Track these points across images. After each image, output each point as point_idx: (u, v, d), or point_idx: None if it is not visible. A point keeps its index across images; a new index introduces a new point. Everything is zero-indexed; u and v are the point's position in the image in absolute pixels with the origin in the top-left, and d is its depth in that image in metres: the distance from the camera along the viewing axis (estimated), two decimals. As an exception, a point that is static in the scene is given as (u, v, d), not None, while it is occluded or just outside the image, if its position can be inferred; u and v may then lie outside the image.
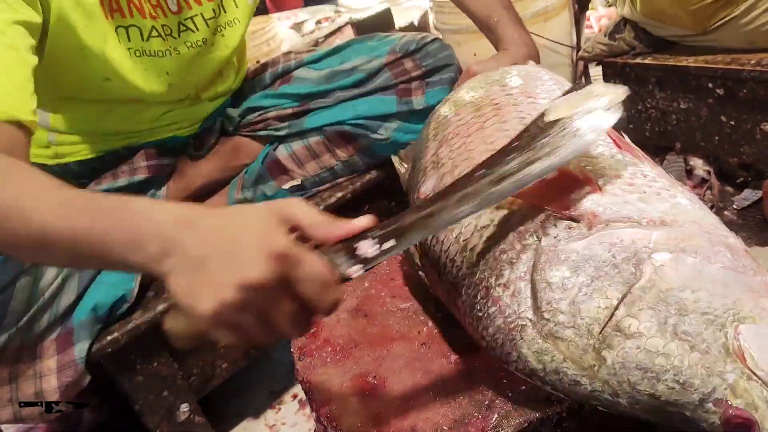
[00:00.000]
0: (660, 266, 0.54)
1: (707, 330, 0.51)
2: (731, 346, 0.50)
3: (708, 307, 0.52)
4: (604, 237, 0.57)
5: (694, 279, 0.53)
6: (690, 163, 1.55)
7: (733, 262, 0.55)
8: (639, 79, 1.56)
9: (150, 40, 1.05)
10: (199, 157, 1.24)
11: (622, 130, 1.61)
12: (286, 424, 1.26)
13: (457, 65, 1.36)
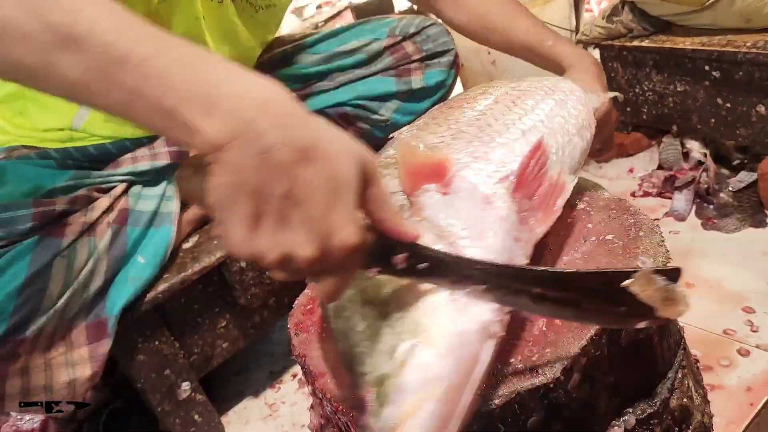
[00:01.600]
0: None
1: (399, 328, 0.57)
2: (399, 351, 0.56)
3: (415, 313, 0.58)
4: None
5: (423, 291, 0.59)
6: (686, 145, 1.56)
7: (462, 300, 0.58)
8: (636, 62, 1.57)
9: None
10: None
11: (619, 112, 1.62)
12: (285, 403, 1.28)
13: (455, 50, 1.38)
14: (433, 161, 0.69)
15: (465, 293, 0.58)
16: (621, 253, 0.74)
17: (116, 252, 1.02)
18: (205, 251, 1.13)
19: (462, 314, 0.58)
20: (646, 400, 0.71)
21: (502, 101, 0.84)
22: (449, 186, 0.68)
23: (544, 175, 0.71)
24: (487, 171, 0.71)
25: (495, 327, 0.59)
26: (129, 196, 1.08)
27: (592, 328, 0.65)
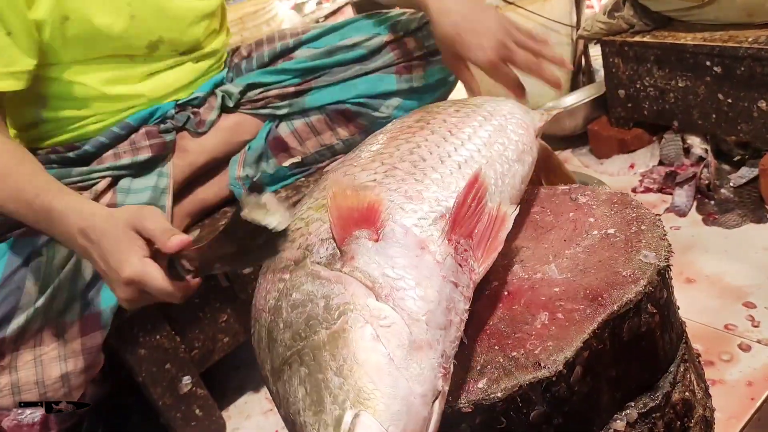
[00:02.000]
0: (349, 327, 0.58)
1: (342, 396, 0.55)
2: (345, 421, 0.53)
3: (356, 379, 0.55)
4: (341, 278, 0.62)
5: (363, 353, 0.56)
6: (687, 141, 1.56)
7: (400, 355, 0.56)
8: (638, 57, 1.57)
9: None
10: (201, 134, 1.24)
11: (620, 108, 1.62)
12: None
13: None
14: (362, 205, 0.67)
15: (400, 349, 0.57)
16: (623, 247, 0.74)
17: None
18: (206, 245, 1.13)
19: (403, 374, 0.55)
20: (648, 394, 0.71)
21: (438, 131, 0.82)
22: (380, 231, 0.65)
23: (483, 209, 0.68)
24: (421, 212, 0.69)
25: (439, 384, 0.57)
26: (117, 192, 1.10)
27: (594, 321, 0.65)
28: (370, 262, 0.62)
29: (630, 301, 0.67)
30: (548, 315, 0.68)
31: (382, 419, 0.53)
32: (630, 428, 0.70)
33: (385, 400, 0.54)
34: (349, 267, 0.62)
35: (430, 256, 0.63)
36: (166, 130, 1.19)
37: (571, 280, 0.72)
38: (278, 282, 0.67)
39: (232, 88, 1.26)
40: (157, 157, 1.17)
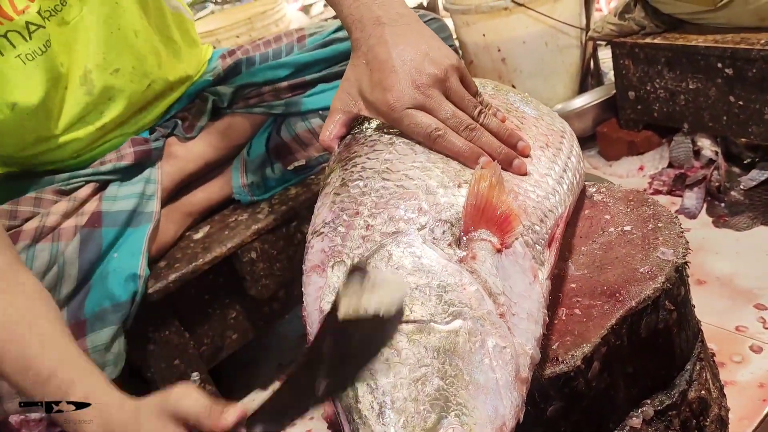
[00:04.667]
0: (464, 332, 0.55)
1: (436, 403, 0.51)
2: (437, 430, 0.51)
3: (457, 389, 0.52)
4: (463, 273, 0.58)
5: (473, 365, 0.53)
6: (697, 143, 1.56)
7: (506, 381, 0.54)
8: (648, 59, 1.56)
9: (33, 37, 0.99)
10: (190, 138, 1.21)
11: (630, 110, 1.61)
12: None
13: (455, 46, 1.37)
14: (500, 208, 0.62)
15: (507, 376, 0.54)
16: (640, 244, 0.73)
17: (89, 255, 1.02)
18: (216, 241, 1.13)
19: (504, 404, 0.53)
20: (665, 392, 0.71)
21: (536, 140, 0.77)
22: (505, 245, 0.62)
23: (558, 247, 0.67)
24: (539, 234, 0.66)
25: (521, 416, 0.55)
26: (103, 200, 1.08)
27: (612, 317, 0.65)
28: (492, 271, 0.59)
29: (648, 298, 0.66)
30: (566, 311, 0.68)
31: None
32: (646, 426, 0.69)
33: (482, 423, 0.51)
34: (470, 266, 0.59)
35: (539, 288, 0.61)
36: (155, 138, 1.18)
37: (588, 276, 0.71)
38: (370, 237, 0.63)
39: (224, 89, 1.24)
40: (140, 163, 1.14)
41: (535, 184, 0.70)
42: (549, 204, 0.69)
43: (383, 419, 0.52)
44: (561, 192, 0.72)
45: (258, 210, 1.19)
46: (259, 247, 1.15)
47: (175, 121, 1.20)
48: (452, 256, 0.60)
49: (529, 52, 1.93)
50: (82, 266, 0.99)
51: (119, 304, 0.98)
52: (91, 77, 1.06)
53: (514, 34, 1.91)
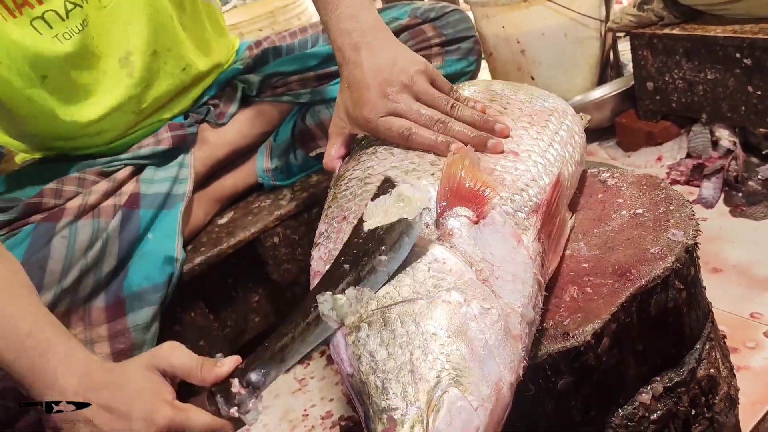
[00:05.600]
0: (447, 301, 0.58)
1: (431, 370, 0.55)
2: (434, 394, 0.54)
3: (448, 354, 0.55)
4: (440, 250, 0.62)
5: (459, 330, 0.57)
6: (716, 133, 1.56)
7: (495, 339, 0.57)
8: (667, 49, 1.57)
9: (70, 16, 1.03)
10: (221, 125, 1.26)
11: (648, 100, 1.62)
12: (314, 378, 1.32)
13: (476, 37, 1.39)
14: (475, 184, 0.67)
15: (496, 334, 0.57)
16: (651, 226, 0.75)
17: (128, 234, 1.06)
18: (240, 226, 1.17)
19: (496, 360, 0.56)
20: (674, 369, 0.73)
21: (519, 121, 0.83)
22: (482, 216, 0.66)
23: (559, 212, 0.70)
24: (518, 203, 0.70)
25: (521, 373, 0.58)
26: (141, 181, 1.13)
27: (622, 295, 0.67)
28: (470, 243, 0.63)
29: (658, 277, 0.68)
30: (577, 289, 0.70)
31: (472, 399, 0.53)
32: (655, 402, 0.71)
33: (476, 381, 0.54)
34: (448, 242, 0.63)
35: (525, 251, 0.64)
36: (189, 123, 1.22)
37: (600, 256, 0.74)
38: None
39: (252, 78, 1.28)
40: (177, 148, 1.19)
41: (515, 159, 0.75)
42: (530, 175, 0.73)
43: (386, 395, 0.56)
44: (545, 163, 0.76)
45: (280, 196, 1.22)
46: (282, 233, 1.18)
47: (208, 107, 1.25)
48: (431, 236, 0.65)
49: (548, 44, 1.94)
50: (122, 245, 1.04)
51: (157, 285, 1.03)
52: (131, 59, 1.10)
53: (534, 26, 1.92)
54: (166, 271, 1.05)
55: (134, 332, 1.02)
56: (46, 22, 1.01)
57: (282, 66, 1.29)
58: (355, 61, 0.83)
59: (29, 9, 0.99)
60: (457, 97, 0.84)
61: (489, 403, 0.54)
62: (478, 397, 0.54)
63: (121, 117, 1.15)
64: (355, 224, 0.64)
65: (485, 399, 0.54)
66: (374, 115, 0.80)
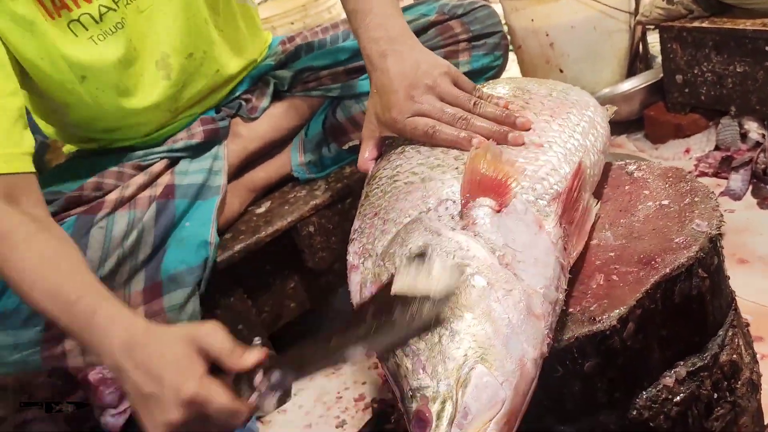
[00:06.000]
0: (471, 285, 0.62)
1: (458, 350, 0.59)
2: (462, 372, 0.58)
3: (474, 334, 0.60)
4: (463, 239, 0.66)
5: (483, 311, 0.61)
6: (744, 126, 1.57)
7: (518, 319, 0.61)
8: (696, 42, 1.58)
9: (104, 19, 1.07)
10: (253, 119, 1.30)
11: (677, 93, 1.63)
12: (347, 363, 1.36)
13: (503, 32, 1.41)
14: (497, 175, 0.70)
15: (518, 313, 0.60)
16: (676, 217, 0.78)
17: (163, 224, 1.12)
18: (277, 216, 1.21)
19: (519, 337, 0.60)
20: (697, 354, 0.76)
21: (540, 114, 0.86)
22: (504, 205, 0.70)
23: (581, 199, 0.73)
24: (539, 191, 0.73)
25: (545, 349, 0.62)
26: (175, 173, 1.18)
27: (647, 283, 0.70)
28: (493, 230, 0.67)
29: (682, 265, 0.71)
30: (603, 277, 0.74)
31: (497, 375, 0.58)
32: (678, 385, 0.74)
33: (501, 358, 0.58)
34: (472, 231, 0.67)
35: (546, 236, 0.68)
36: (221, 117, 1.27)
37: (626, 245, 0.77)
38: (388, 230, 0.74)
39: (284, 73, 1.32)
40: (209, 141, 1.24)
41: (536, 150, 0.79)
42: (551, 165, 0.77)
43: (418, 375, 0.60)
44: (566, 153, 0.79)
45: (315, 187, 1.27)
46: (317, 222, 1.23)
47: (240, 102, 1.29)
48: (455, 226, 0.69)
49: (577, 37, 1.96)
50: (158, 233, 1.10)
51: (192, 269, 1.08)
52: (169, 61, 1.15)
53: (563, 19, 1.94)
54: (201, 255, 1.11)
55: (169, 313, 1.08)
56: (82, 24, 1.05)
57: (313, 61, 1.33)
58: (382, 68, 0.88)
59: (67, 12, 1.03)
60: (479, 95, 0.88)
61: (514, 378, 0.58)
62: (503, 373, 0.58)
63: (158, 114, 1.20)
64: (386, 283, 0.64)
65: (510, 374, 0.58)
66: (401, 116, 0.86)
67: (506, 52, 1.41)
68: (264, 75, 1.33)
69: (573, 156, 0.80)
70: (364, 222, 0.80)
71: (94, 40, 1.07)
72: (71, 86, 1.08)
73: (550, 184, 0.75)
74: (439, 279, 0.60)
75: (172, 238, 1.11)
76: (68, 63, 1.05)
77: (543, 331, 0.62)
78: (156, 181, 1.17)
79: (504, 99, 0.89)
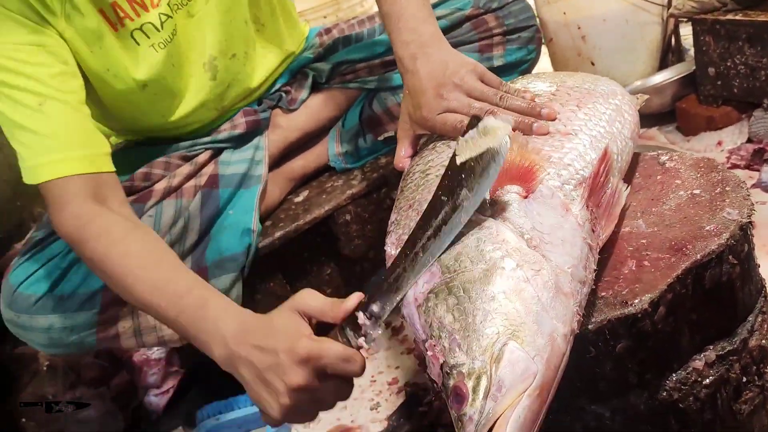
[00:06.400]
0: (501, 267, 0.66)
1: (491, 328, 0.63)
2: (495, 348, 0.62)
3: (505, 313, 0.63)
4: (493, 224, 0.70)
5: (514, 291, 0.65)
6: (777, 118, 1.57)
7: (547, 297, 0.64)
8: (729, 35, 1.59)
9: (164, 27, 1.11)
10: (292, 111, 1.35)
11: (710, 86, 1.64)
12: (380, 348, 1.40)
13: (537, 26, 1.42)
14: (523, 163, 0.74)
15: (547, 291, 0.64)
16: (707, 206, 0.80)
17: (208, 212, 1.17)
18: (315, 204, 1.25)
19: (549, 314, 0.63)
20: (727, 339, 0.78)
21: (567, 104, 0.89)
22: (531, 191, 0.74)
23: (608, 182, 0.76)
24: (563, 177, 0.77)
25: (575, 326, 0.65)
26: (219, 163, 1.23)
27: (678, 268, 0.73)
28: (521, 215, 0.71)
29: (712, 252, 0.73)
30: (635, 262, 0.76)
31: (529, 350, 0.61)
32: (708, 368, 0.77)
33: (532, 334, 0.62)
34: (501, 216, 0.71)
35: (573, 218, 0.71)
36: (262, 109, 1.32)
37: (658, 233, 0.79)
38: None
39: (323, 66, 1.36)
40: (251, 132, 1.28)
41: (562, 138, 0.83)
42: (577, 151, 0.80)
43: (454, 353, 0.64)
44: (591, 140, 0.82)
45: (352, 177, 1.31)
46: (353, 211, 1.27)
47: (280, 94, 1.33)
48: (485, 213, 0.72)
49: (609, 30, 1.96)
50: (203, 221, 1.15)
51: (236, 255, 1.13)
52: (215, 63, 1.20)
53: (595, 12, 1.94)
54: (244, 242, 1.15)
55: None
56: (144, 33, 1.10)
57: (350, 54, 1.37)
58: (412, 70, 0.93)
59: (129, 21, 1.08)
60: (507, 89, 0.92)
61: (545, 353, 0.62)
62: (534, 348, 0.62)
63: (205, 113, 1.25)
64: (451, 158, 0.71)
65: (541, 349, 0.62)
66: (431, 114, 0.90)
67: (539, 46, 1.43)
68: (303, 67, 1.37)
69: (599, 142, 0.82)
70: (400, 214, 0.84)
71: (155, 47, 1.12)
72: (132, 96, 1.14)
73: (576, 169, 0.78)
74: (496, 130, 0.67)
75: (216, 226, 1.16)
76: (131, 73, 1.10)
77: (572, 309, 0.65)
78: (201, 171, 1.22)
79: (531, 92, 0.92)
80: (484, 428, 0.60)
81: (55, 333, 1.07)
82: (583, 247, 0.70)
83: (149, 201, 1.13)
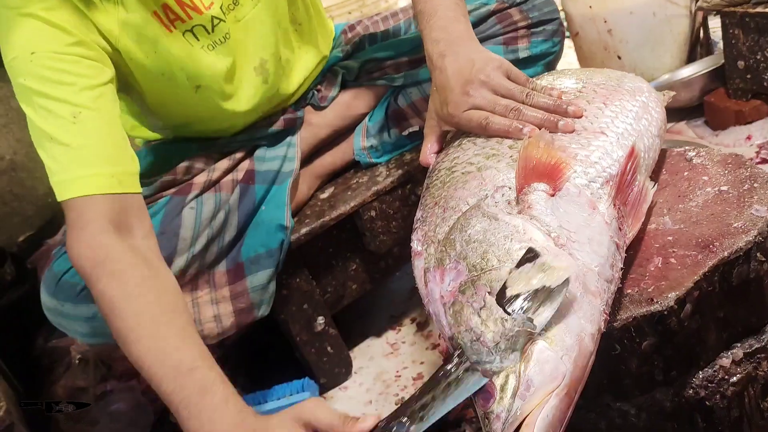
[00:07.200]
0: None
1: (523, 327, 0.62)
2: (526, 349, 0.62)
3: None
4: (520, 223, 0.70)
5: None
6: (808, 112, 1.55)
7: (574, 297, 0.64)
8: (759, 28, 1.56)
9: (215, 30, 1.12)
10: (322, 108, 1.36)
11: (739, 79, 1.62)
12: (405, 343, 1.41)
13: (560, 19, 1.42)
14: (550, 161, 0.74)
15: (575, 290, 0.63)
16: (735, 202, 0.80)
17: (246, 207, 1.19)
18: (340, 200, 1.26)
19: (577, 313, 0.63)
20: (755, 336, 0.78)
21: (593, 102, 0.89)
22: (557, 189, 0.73)
23: (636, 180, 0.76)
24: (590, 175, 0.77)
25: (602, 325, 0.65)
26: (254, 159, 1.25)
27: (705, 266, 0.72)
28: (548, 213, 0.71)
29: (740, 249, 0.73)
30: (661, 260, 0.76)
31: (557, 349, 0.62)
32: (735, 366, 0.77)
33: (560, 333, 0.62)
34: (528, 214, 0.71)
35: (600, 216, 0.71)
36: (298, 108, 1.34)
37: (684, 230, 0.79)
38: (448, 218, 0.78)
39: (351, 64, 1.37)
40: (286, 129, 1.31)
41: (588, 136, 0.82)
42: (604, 149, 0.80)
43: (480, 351, 0.65)
44: (618, 137, 0.82)
45: (377, 173, 1.31)
46: (378, 207, 1.27)
47: (312, 92, 1.36)
48: (512, 210, 0.73)
49: (636, 23, 1.94)
50: (241, 216, 1.17)
51: (271, 251, 1.15)
52: (266, 67, 1.22)
53: (621, 5, 1.92)
54: (278, 237, 1.17)
55: (252, 293, 1.14)
56: (194, 35, 1.11)
57: (378, 52, 1.38)
58: (440, 67, 0.94)
59: (180, 23, 1.09)
60: (533, 87, 0.92)
61: (573, 352, 0.62)
62: (562, 347, 0.62)
63: (252, 116, 1.27)
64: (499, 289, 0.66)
65: (569, 348, 0.62)
66: (458, 111, 0.91)
67: (563, 39, 1.43)
68: (332, 66, 1.39)
69: (626, 140, 0.82)
70: (426, 211, 0.85)
71: (206, 50, 1.13)
72: (186, 98, 1.15)
73: (603, 167, 0.78)
74: (555, 270, 0.63)
75: (251, 223, 1.18)
76: (186, 74, 1.12)
77: (599, 308, 0.65)
78: (238, 165, 1.24)
79: (557, 90, 0.92)
80: (511, 426, 0.61)
81: (98, 322, 1.09)
82: (610, 246, 0.70)
83: (190, 194, 1.15)
